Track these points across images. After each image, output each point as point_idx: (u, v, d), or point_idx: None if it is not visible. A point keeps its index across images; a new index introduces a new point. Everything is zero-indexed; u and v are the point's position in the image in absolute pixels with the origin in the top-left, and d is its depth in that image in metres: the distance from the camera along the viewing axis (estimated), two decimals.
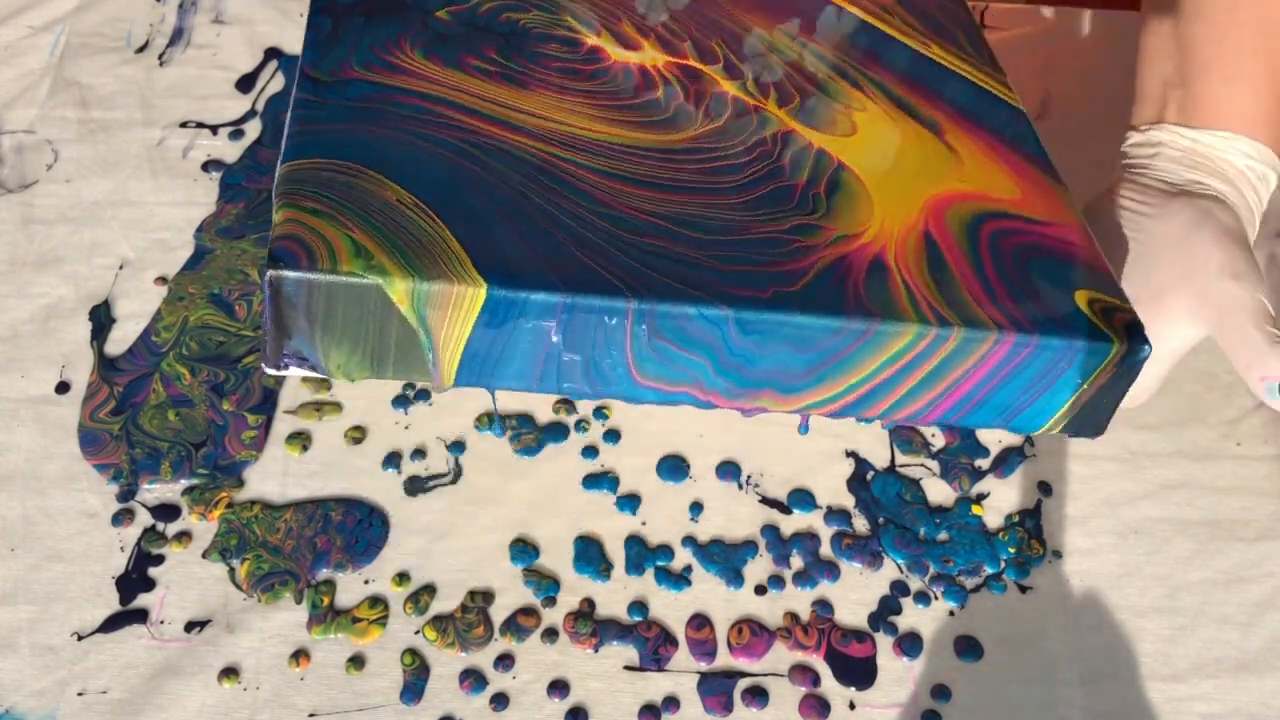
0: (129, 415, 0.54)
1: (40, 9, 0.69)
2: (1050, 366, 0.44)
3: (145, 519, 0.51)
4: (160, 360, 0.55)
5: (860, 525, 0.53)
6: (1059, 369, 0.44)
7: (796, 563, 0.51)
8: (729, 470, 0.54)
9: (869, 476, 0.54)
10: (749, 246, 0.44)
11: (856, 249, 0.45)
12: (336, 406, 0.55)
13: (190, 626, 0.48)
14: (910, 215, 0.47)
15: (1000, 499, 0.54)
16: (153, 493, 0.52)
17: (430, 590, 0.50)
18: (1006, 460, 0.55)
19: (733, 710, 0.47)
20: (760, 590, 0.51)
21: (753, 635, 0.49)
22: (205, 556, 0.50)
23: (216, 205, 0.61)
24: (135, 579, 0.49)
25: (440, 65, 0.49)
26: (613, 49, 0.52)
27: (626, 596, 0.50)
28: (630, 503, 0.53)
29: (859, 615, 0.50)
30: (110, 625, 0.48)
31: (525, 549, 0.51)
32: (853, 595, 0.51)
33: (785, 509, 0.53)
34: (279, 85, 0.67)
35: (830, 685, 0.48)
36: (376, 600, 0.49)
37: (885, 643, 0.49)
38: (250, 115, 0.66)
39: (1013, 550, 0.52)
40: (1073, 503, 0.54)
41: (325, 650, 0.48)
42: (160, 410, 0.54)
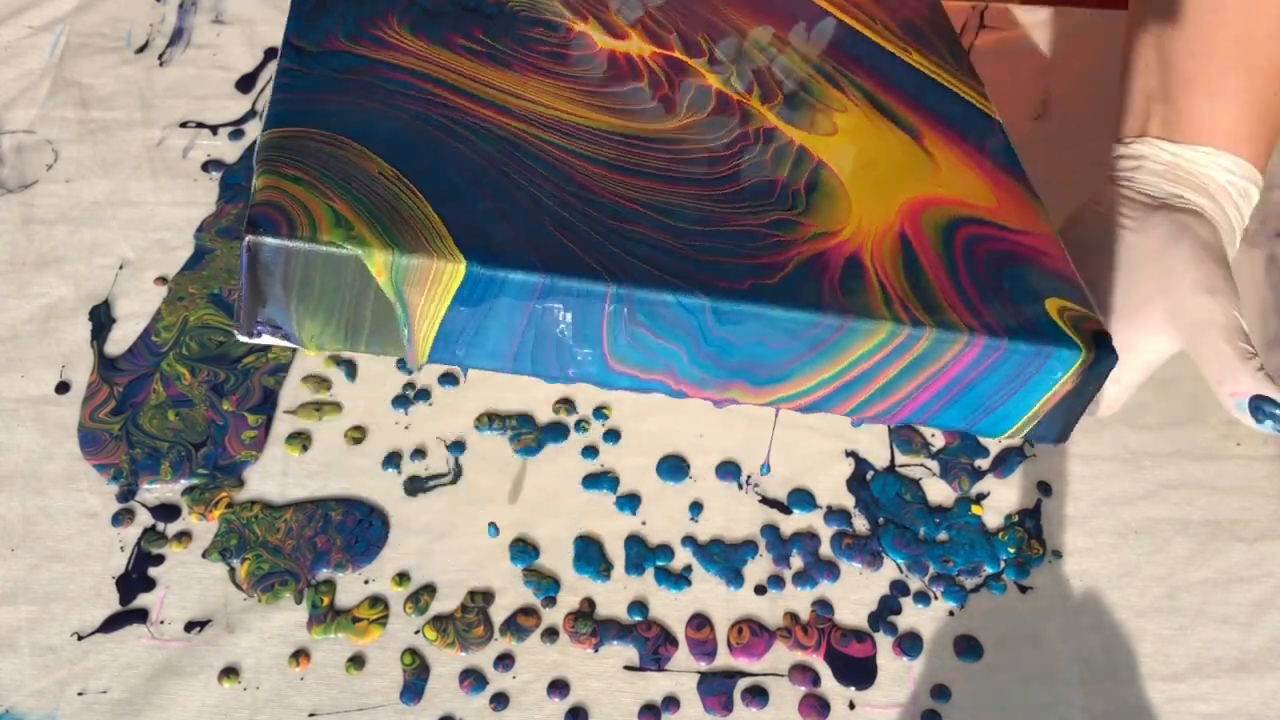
0: (129, 415, 0.54)
1: (40, 9, 0.69)
2: (1018, 371, 0.45)
3: (145, 519, 0.51)
4: (160, 360, 0.55)
5: (860, 525, 0.53)
6: (1027, 374, 0.45)
7: (796, 563, 0.51)
8: (729, 470, 0.54)
9: (869, 476, 0.54)
10: (728, 238, 0.45)
11: (834, 246, 0.46)
12: (336, 406, 0.55)
13: (190, 626, 0.48)
14: (887, 216, 0.48)
15: (1000, 499, 0.54)
16: (153, 493, 0.52)
17: (430, 590, 0.50)
18: (1006, 460, 0.55)
19: (733, 710, 0.47)
20: (760, 590, 0.51)
21: (753, 635, 0.49)
22: (205, 556, 0.50)
23: (216, 205, 0.61)
24: (135, 579, 0.49)
25: (426, 42, 0.49)
26: (600, 36, 0.52)
27: (626, 596, 0.50)
28: (630, 503, 0.53)
29: (859, 615, 0.50)
30: (110, 625, 0.48)
31: (525, 549, 0.51)
32: (853, 595, 0.51)
33: (785, 509, 0.53)
34: None
35: (830, 685, 0.48)
36: (376, 600, 0.49)
37: (885, 643, 0.49)
38: (250, 115, 0.66)
39: (1012, 550, 0.52)
40: (1073, 503, 0.54)
41: (325, 650, 0.48)
42: (160, 410, 0.54)
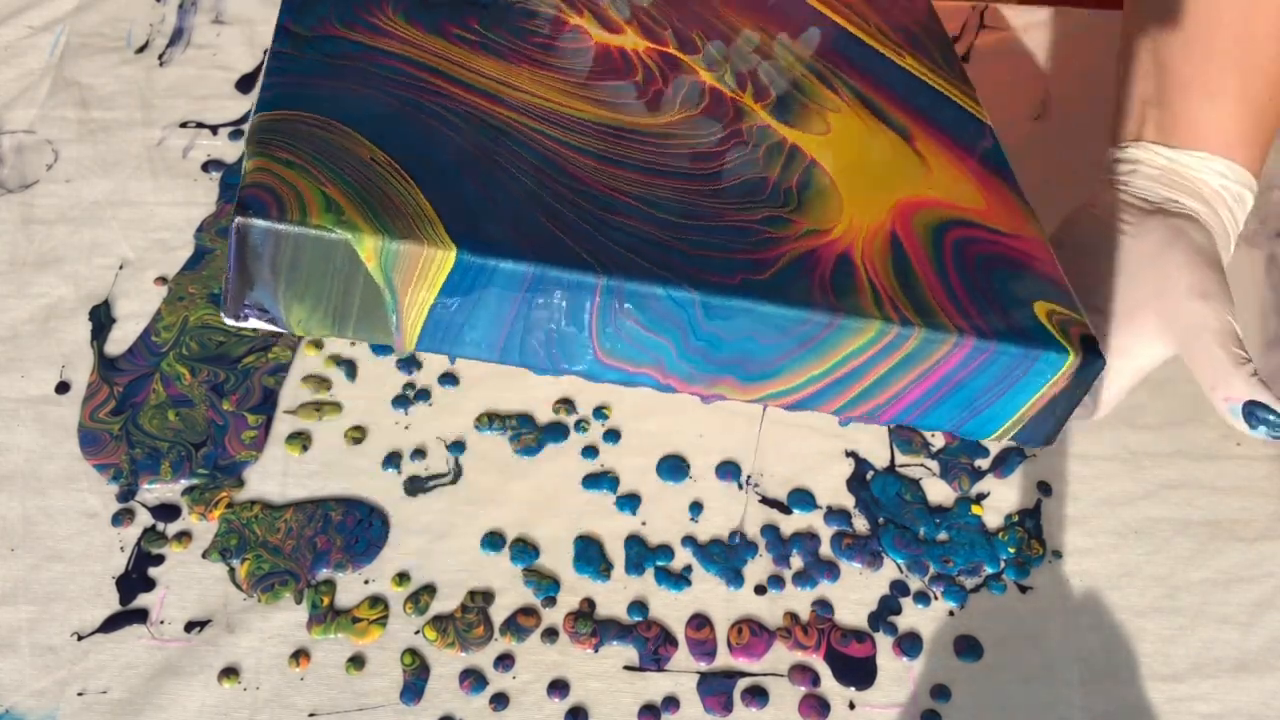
0: (129, 415, 0.54)
1: (40, 9, 0.69)
2: (1006, 373, 0.45)
3: (145, 519, 0.51)
4: (160, 360, 0.55)
5: (860, 525, 0.53)
6: (1014, 376, 0.45)
7: (796, 563, 0.51)
8: (729, 470, 0.54)
9: (869, 476, 0.54)
10: (719, 233, 0.45)
11: (825, 244, 0.46)
12: (336, 406, 0.55)
13: (190, 626, 0.48)
14: (878, 216, 0.48)
15: (1000, 499, 0.54)
16: (153, 493, 0.52)
17: (430, 590, 0.50)
18: (1006, 460, 0.55)
19: (732, 710, 0.47)
20: (760, 590, 0.51)
21: (753, 635, 0.49)
22: (205, 556, 0.50)
23: (216, 205, 0.61)
24: (135, 579, 0.49)
25: (421, 30, 0.49)
26: (595, 30, 0.52)
27: (626, 596, 0.50)
28: (630, 503, 0.53)
29: (859, 615, 0.50)
30: (110, 625, 0.48)
31: (525, 549, 0.51)
32: (853, 595, 0.51)
33: (785, 509, 0.53)
34: None
35: (830, 685, 0.48)
36: (376, 600, 0.49)
37: (885, 643, 0.49)
38: (250, 115, 0.66)
39: (1012, 550, 0.52)
40: (1073, 503, 0.54)
41: (325, 650, 0.48)
42: (160, 410, 0.54)
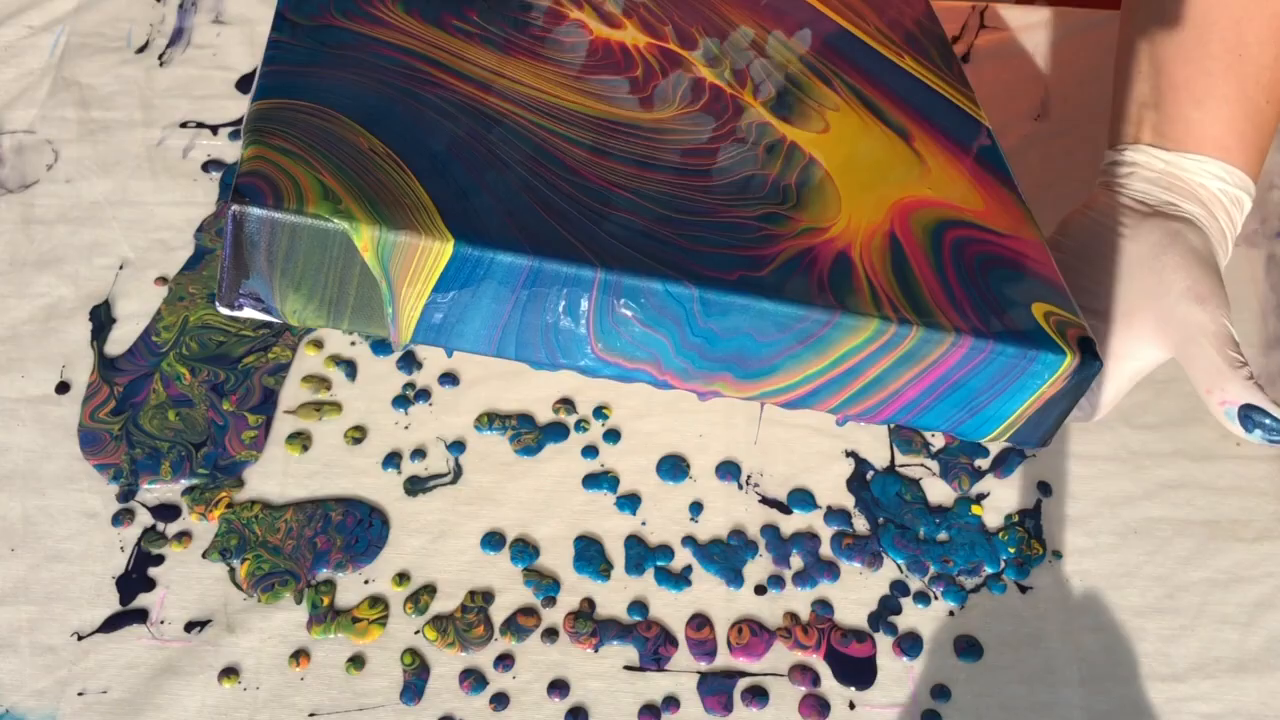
0: (129, 415, 0.54)
1: (40, 9, 0.69)
2: (1003, 374, 0.45)
3: (145, 519, 0.51)
4: (160, 360, 0.55)
5: (860, 525, 0.53)
6: (1011, 377, 0.45)
7: (796, 563, 0.51)
8: (729, 470, 0.54)
9: (869, 476, 0.54)
10: (717, 229, 0.45)
11: (823, 242, 0.46)
12: (336, 406, 0.55)
13: (190, 626, 0.48)
14: (877, 216, 0.48)
15: (1000, 499, 0.54)
16: (153, 493, 0.52)
17: (430, 590, 0.50)
18: (1006, 460, 0.55)
19: (733, 710, 0.47)
20: (760, 590, 0.51)
21: (753, 635, 0.49)
22: (205, 556, 0.50)
23: (216, 205, 0.61)
24: (135, 579, 0.49)
25: (420, 22, 0.49)
26: (595, 25, 0.52)
27: (626, 596, 0.50)
28: (630, 503, 0.53)
29: (859, 615, 0.50)
30: (110, 625, 0.48)
31: (525, 549, 0.51)
32: (853, 595, 0.51)
33: (785, 509, 0.53)
34: None
35: (830, 685, 0.48)
36: (376, 600, 0.49)
37: (885, 643, 0.49)
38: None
39: (1012, 550, 0.52)
40: (1073, 503, 0.54)
41: (325, 650, 0.48)
42: (160, 410, 0.54)
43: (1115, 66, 0.57)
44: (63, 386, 0.54)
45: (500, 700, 0.47)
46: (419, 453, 0.53)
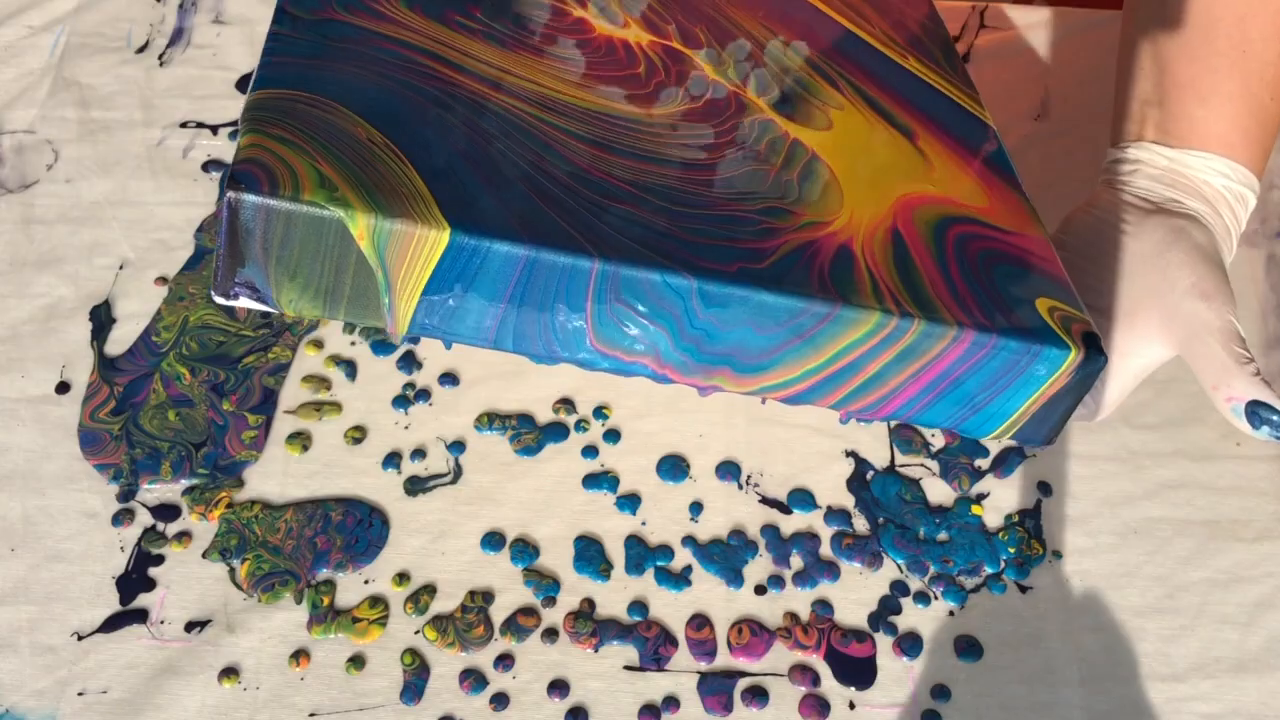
0: (129, 415, 0.54)
1: (40, 9, 0.69)
2: (1006, 369, 0.44)
3: (145, 519, 0.51)
4: (160, 360, 0.55)
5: (860, 525, 0.53)
6: (1015, 372, 0.45)
7: (796, 563, 0.51)
8: (729, 470, 0.54)
9: (869, 476, 0.54)
10: (718, 222, 0.44)
11: (824, 236, 0.45)
12: (336, 406, 0.55)
13: (190, 626, 0.48)
14: (879, 211, 0.47)
15: (1000, 499, 0.54)
16: (153, 493, 0.52)
17: (430, 590, 0.50)
18: (1006, 460, 0.55)
19: (733, 710, 0.47)
20: (760, 590, 0.51)
21: (753, 635, 0.49)
22: (205, 556, 0.50)
23: (216, 205, 0.61)
24: (135, 579, 0.49)
25: (422, 17, 0.49)
26: (597, 22, 0.52)
27: (626, 596, 0.50)
28: (630, 503, 0.53)
29: (859, 615, 0.50)
30: (110, 625, 0.48)
31: (525, 549, 0.51)
32: (853, 595, 0.51)
33: (785, 509, 0.53)
34: None
35: (830, 685, 0.48)
36: (376, 600, 0.49)
37: (885, 643, 0.49)
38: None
39: (1013, 550, 0.52)
40: (1073, 503, 0.54)
41: (325, 650, 0.48)
42: (160, 410, 0.54)
43: (1118, 64, 0.57)
44: (63, 386, 0.55)
45: (500, 700, 0.47)
46: (419, 453, 0.53)
